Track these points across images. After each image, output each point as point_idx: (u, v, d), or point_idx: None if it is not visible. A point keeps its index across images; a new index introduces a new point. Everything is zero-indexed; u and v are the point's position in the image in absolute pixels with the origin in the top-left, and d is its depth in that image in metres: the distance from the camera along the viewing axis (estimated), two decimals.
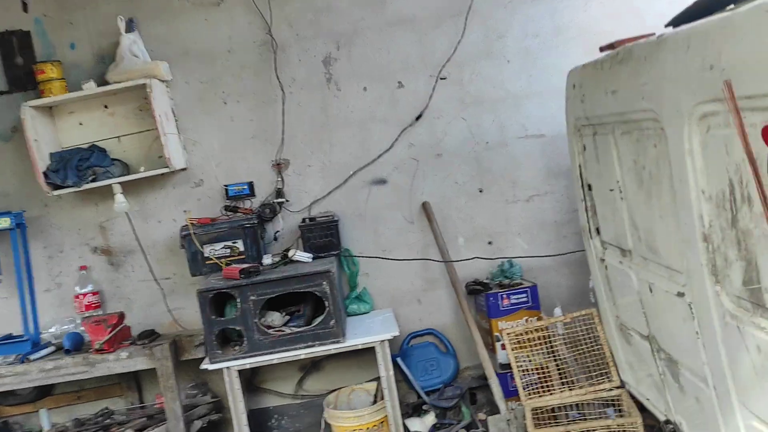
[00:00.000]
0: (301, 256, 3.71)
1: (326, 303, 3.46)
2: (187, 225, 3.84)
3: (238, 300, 3.43)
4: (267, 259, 3.84)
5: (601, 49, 3.05)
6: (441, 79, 4.04)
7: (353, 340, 3.52)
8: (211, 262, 3.81)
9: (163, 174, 3.87)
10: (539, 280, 4.14)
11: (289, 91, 4.02)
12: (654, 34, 2.82)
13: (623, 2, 4.02)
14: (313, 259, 3.73)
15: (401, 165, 4.11)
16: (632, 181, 2.70)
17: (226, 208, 3.96)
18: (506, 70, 4.06)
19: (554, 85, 4.04)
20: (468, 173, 4.13)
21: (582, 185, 3.36)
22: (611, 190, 2.93)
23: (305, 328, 3.49)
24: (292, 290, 3.45)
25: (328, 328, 3.48)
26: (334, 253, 3.82)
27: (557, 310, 4.00)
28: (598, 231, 3.29)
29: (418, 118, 4.06)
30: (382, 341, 3.55)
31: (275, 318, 3.55)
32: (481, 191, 4.15)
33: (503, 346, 3.80)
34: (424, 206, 4.11)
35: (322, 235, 3.80)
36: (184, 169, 4.01)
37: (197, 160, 4.06)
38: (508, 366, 3.79)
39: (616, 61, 2.63)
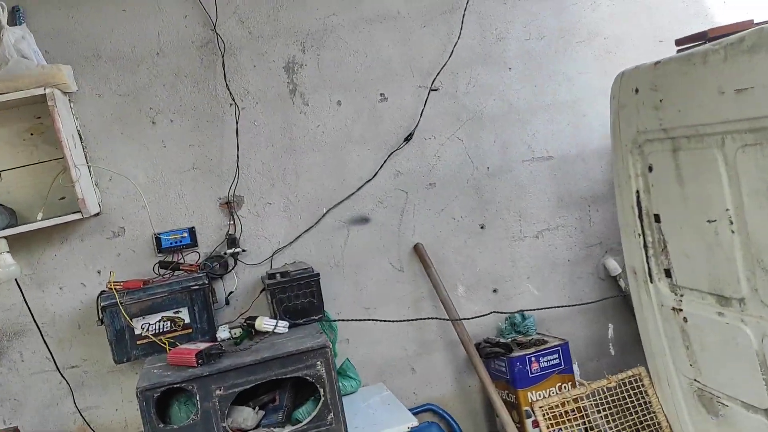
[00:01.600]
0: (273, 325, 2.78)
1: (322, 391, 2.55)
2: (108, 292, 2.79)
3: (197, 398, 2.44)
4: (223, 332, 2.87)
5: (679, 43, 2.45)
6: (432, 90, 3.30)
7: None
8: (145, 341, 2.78)
9: (66, 223, 2.80)
10: (552, 333, 3.47)
11: (242, 106, 3.10)
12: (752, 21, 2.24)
13: (634, 1, 3.51)
14: (289, 327, 2.81)
15: (386, 198, 3.30)
16: (761, 208, 2.08)
17: (162, 265, 2.94)
18: (507, 78, 3.40)
19: (562, 97, 3.46)
20: (467, 206, 3.39)
21: (639, 215, 2.72)
22: (710, 222, 2.30)
23: (295, 429, 2.55)
24: (274, 377, 2.52)
25: (326, 425, 2.56)
26: (316, 318, 2.92)
27: (575, 368, 3.34)
28: (667, 273, 2.65)
29: (407, 139, 3.28)
30: None
31: (247, 416, 2.58)
32: (482, 227, 3.42)
33: (535, 424, 3.05)
34: (417, 249, 3.32)
35: (299, 295, 2.89)
36: (96, 214, 2.95)
37: (115, 201, 3.01)
38: None
39: (741, 50, 2.01)
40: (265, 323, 2.81)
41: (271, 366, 2.50)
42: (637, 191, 2.70)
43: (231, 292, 3.11)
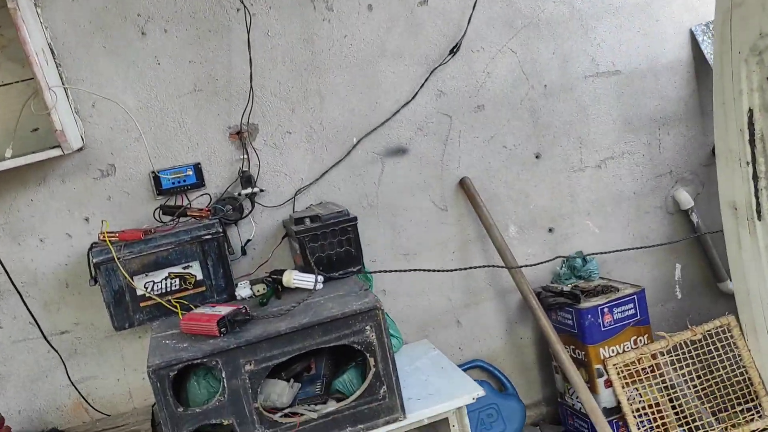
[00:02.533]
0: (310, 281, 2.32)
1: (372, 360, 2.11)
2: (101, 244, 2.30)
3: (223, 374, 2.00)
4: (243, 290, 2.41)
5: None
6: None
7: (418, 413, 2.21)
8: (150, 303, 2.31)
9: (42, 161, 2.27)
10: (613, 276, 3.05)
11: (252, 11, 2.53)
12: None
13: None
14: (324, 282, 2.35)
15: (427, 125, 2.79)
16: None
17: (165, 210, 2.43)
18: None
19: None
20: (520, 132, 2.90)
21: (751, 140, 2.25)
22: None
23: (341, 406, 2.12)
24: (315, 347, 2.07)
25: (378, 400, 2.14)
26: (353, 270, 2.46)
27: None
28: None
29: (452, 51, 2.74)
30: (459, 409, 2.28)
31: (281, 391, 2.15)
32: (537, 157, 2.94)
33: (608, 383, 2.67)
34: (463, 184, 2.84)
35: (333, 244, 2.41)
36: (80, 150, 2.42)
37: (101, 133, 2.48)
38: (615, 411, 2.68)
39: None
40: (297, 279, 2.34)
41: (312, 334, 2.05)
42: (750, 110, 2.22)
43: (248, 241, 2.63)
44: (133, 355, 2.61)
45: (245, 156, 2.57)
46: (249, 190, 2.54)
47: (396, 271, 2.55)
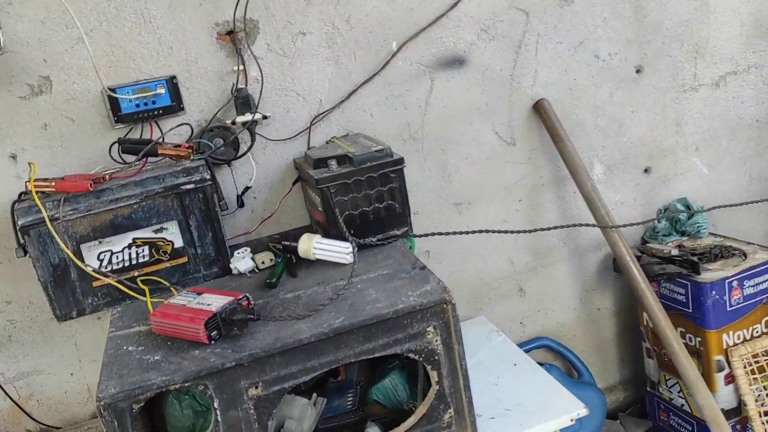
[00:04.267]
0: (332, 250, 1.64)
1: (436, 375, 1.46)
2: (29, 198, 1.58)
3: (215, 403, 1.34)
4: (242, 261, 1.73)
5: None
6: None
7: None
8: (102, 282, 1.62)
9: None
10: (719, 228, 2.39)
11: None
12: None
13: None
14: (359, 250, 1.66)
15: (496, 25, 2.04)
16: None
17: (127, 146, 1.70)
18: None
19: None
20: (619, 37, 2.15)
21: None
22: None
23: None
24: (354, 359, 1.40)
25: (442, 429, 1.51)
26: (398, 233, 1.77)
27: None
28: None
29: None
30: None
31: (300, 413, 1.51)
32: (638, 71, 2.21)
33: (729, 379, 2.05)
34: (539, 109, 2.12)
35: (369, 197, 1.71)
36: None
37: (27, 31, 1.71)
38: (733, 413, 2.08)
39: None
40: (321, 248, 1.67)
41: (349, 341, 1.38)
42: None
43: (246, 189, 1.93)
44: (90, 342, 1.95)
45: (241, 67, 1.82)
46: (247, 117, 1.80)
47: (453, 233, 1.86)
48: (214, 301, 1.43)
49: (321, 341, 1.36)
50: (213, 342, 1.38)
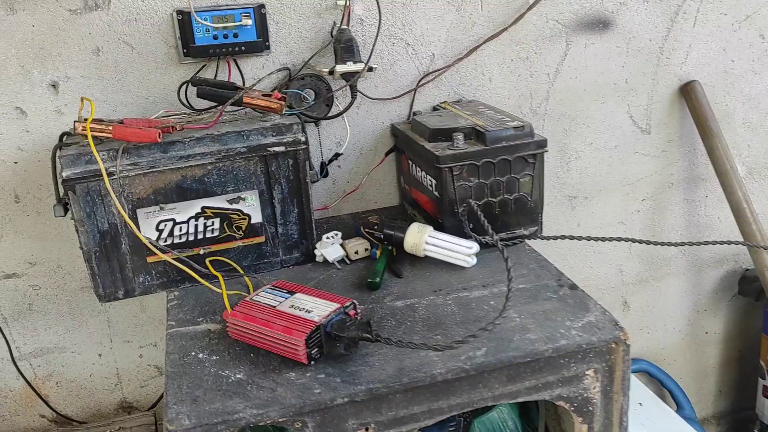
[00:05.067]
0: (452, 249, 1.32)
1: (586, 429, 1.16)
2: (80, 141, 1.25)
3: None
4: (330, 249, 1.41)
5: None
6: None
7: None
8: (158, 259, 1.30)
9: None
10: None
11: None
12: None
13: None
14: (480, 249, 1.34)
15: None
16: None
17: (203, 88, 1.35)
18: None
19: None
20: None
21: None
22: None
23: None
24: (491, 403, 1.10)
25: None
26: (526, 233, 1.44)
27: None
28: None
29: None
30: None
31: None
32: None
33: None
34: (688, 92, 1.79)
35: (502, 186, 1.38)
36: None
37: None
38: None
39: None
40: (436, 244, 1.35)
41: (489, 381, 1.08)
42: None
43: (336, 156, 1.60)
44: (125, 320, 1.65)
45: (347, 1, 1.47)
46: (350, 67, 1.46)
47: (590, 238, 1.52)
48: (314, 306, 1.12)
49: (457, 379, 1.05)
50: (311, 362, 1.08)
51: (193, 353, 1.14)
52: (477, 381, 1.07)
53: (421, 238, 1.35)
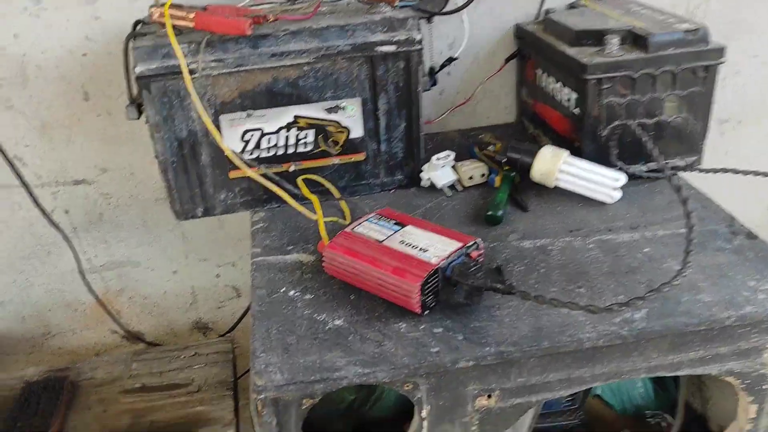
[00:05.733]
0: (592, 180, 1.10)
1: (755, 409, 0.96)
2: (156, 32, 1.06)
3: (424, 415, 0.87)
4: (439, 172, 1.20)
5: None
6: None
7: None
8: (243, 174, 1.12)
9: None
10: None
11: None
12: None
13: None
14: (629, 179, 1.12)
15: None
16: None
17: None
18: None
19: None
20: None
21: None
22: None
23: None
24: (646, 374, 0.91)
25: None
26: (682, 164, 1.20)
27: None
28: None
29: None
30: None
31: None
32: None
33: None
34: None
35: (660, 105, 1.13)
36: None
37: None
38: None
39: None
40: (572, 172, 1.13)
41: (646, 350, 0.88)
42: None
43: (449, 60, 1.37)
44: (202, 236, 1.52)
45: None
46: None
47: (755, 173, 1.26)
48: (430, 244, 0.93)
49: (608, 346, 0.86)
50: (425, 312, 0.90)
51: (282, 289, 0.97)
52: (632, 349, 0.87)
53: (554, 164, 1.12)
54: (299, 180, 1.16)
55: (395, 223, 0.99)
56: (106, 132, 1.38)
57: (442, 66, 1.36)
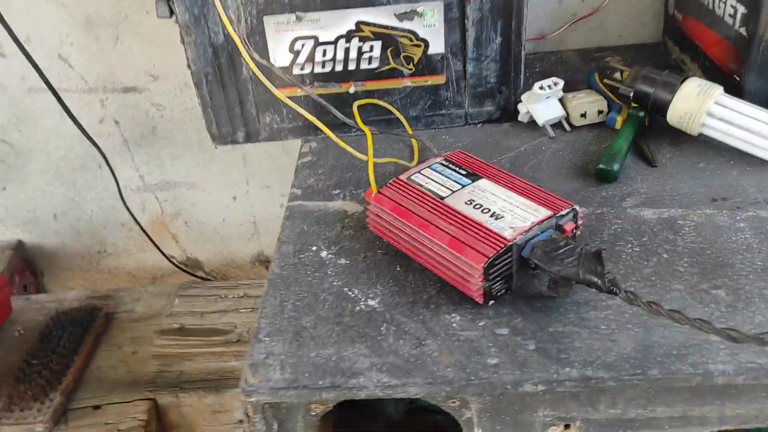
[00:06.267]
0: (749, 128, 0.79)
1: None
2: None
3: None
4: (543, 106, 0.93)
5: None
6: None
7: None
8: (294, 93, 0.90)
9: None
10: None
11: None
12: None
13: None
14: None
15: None
16: None
17: None
18: None
19: None
20: None
21: None
22: None
23: None
24: None
25: None
26: None
27: None
28: None
29: None
30: None
31: None
32: None
33: None
34: None
35: None
36: None
37: None
38: None
39: None
40: (726, 119, 0.83)
41: None
42: None
43: None
44: (264, 160, 1.33)
45: None
46: None
47: None
48: (507, 208, 0.68)
49: (750, 386, 0.59)
50: (489, 302, 0.66)
51: (314, 248, 0.76)
52: None
53: (702, 104, 0.82)
54: (355, 105, 0.92)
55: (467, 174, 0.74)
56: (157, 32, 1.20)
57: None
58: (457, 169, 0.76)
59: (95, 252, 1.46)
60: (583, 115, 0.92)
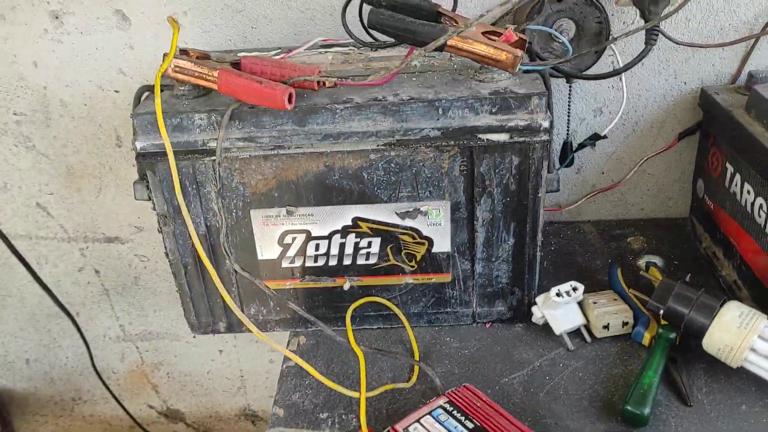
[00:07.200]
0: None
1: None
2: (169, 89, 0.75)
3: None
4: (561, 313, 0.83)
5: None
6: None
7: None
8: (282, 286, 0.80)
9: None
10: None
11: None
12: None
13: None
14: None
15: None
16: None
17: (381, 14, 0.77)
18: None
19: None
20: None
21: None
22: None
23: None
24: None
25: None
26: None
27: None
28: None
29: None
30: None
31: None
32: None
33: None
34: None
35: None
36: None
37: None
38: None
39: None
40: None
41: None
42: None
43: (596, 138, 0.97)
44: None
45: None
46: None
47: None
48: None
49: None
50: None
51: None
52: None
53: (744, 338, 0.72)
54: (348, 315, 0.82)
55: (473, 429, 0.63)
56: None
57: (582, 145, 0.97)
58: (462, 419, 0.65)
59: (69, 399, 1.35)
60: (606, 327, 0.82)
